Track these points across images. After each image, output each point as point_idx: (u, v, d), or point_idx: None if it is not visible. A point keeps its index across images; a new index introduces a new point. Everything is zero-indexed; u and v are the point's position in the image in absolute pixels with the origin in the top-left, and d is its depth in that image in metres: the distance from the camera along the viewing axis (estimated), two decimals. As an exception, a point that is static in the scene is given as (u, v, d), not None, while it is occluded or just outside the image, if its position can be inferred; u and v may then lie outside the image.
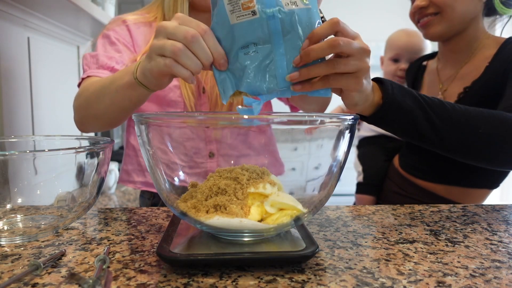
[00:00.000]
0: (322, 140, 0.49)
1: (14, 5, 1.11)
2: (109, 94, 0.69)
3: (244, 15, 0.48)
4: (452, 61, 0.98)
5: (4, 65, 1.08)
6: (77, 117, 0.80)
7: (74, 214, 0.57)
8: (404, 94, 0.63)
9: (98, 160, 0.57)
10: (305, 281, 0.42)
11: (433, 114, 0.64)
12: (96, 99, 0.73)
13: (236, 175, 0.48)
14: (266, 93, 0.51)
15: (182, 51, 0.50)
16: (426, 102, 0.64)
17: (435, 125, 0.64)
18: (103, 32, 0.90)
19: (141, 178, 0.94)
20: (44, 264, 0.44)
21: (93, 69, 0.83)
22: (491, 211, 0.71)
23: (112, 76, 0.71)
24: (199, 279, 0.42)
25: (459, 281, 0.42)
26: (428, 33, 0.94)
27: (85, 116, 0.78)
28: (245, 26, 0.49)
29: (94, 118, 0.76)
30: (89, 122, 0.79)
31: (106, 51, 0.86)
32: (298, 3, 0.48)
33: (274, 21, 0.48)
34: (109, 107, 0.71)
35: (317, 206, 0.50)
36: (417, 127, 0.64)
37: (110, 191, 1.69)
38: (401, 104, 0.62)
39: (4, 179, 0.53)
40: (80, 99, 0.78)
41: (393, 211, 0.70)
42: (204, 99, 0.89)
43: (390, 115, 0.62)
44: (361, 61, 0.53)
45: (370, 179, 1.20)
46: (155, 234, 0.56)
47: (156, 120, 0.48)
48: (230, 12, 0.49)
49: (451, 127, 0.64)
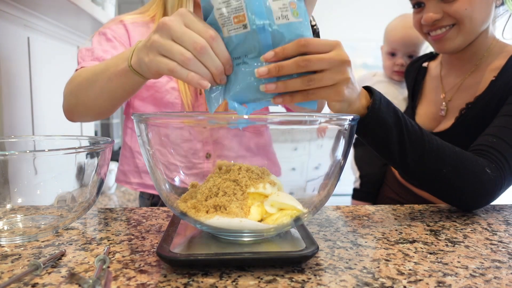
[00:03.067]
0: (322, 140, 0.49)
1: (14, 5, 1.11)
2: (101, 81, 0.67)
3: (235, 29, 0.49)
4: (457, 69, 0.92)
5: (4, 65, 1.08)
6: (65, 105, 0.78)
7: (74, 214, 0.57)
8: (389, 111, 0.63)
9: (98, 160, 0.57)
10: (305, 281, 0.42)
11: (408, 139, 0.64)
12: (87, 85, 0.70)
13: (236, 175, 0.48)
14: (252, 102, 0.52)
15: (191, 61, 0.49)
16: (406, 126, 0.64)
17: (405, 151, 0.64)
18: (99, 30, 0.88)
19: (137, 179, 0.94)
20: (44, 264, 0.44)
21: (87, 61, 0.81)
22: (491, 211, 0.71)
23: (105, 63, 0.68)
24: (199, 279, 0.42)
25: (459, 281, 0.42)
26: (443, 48, 0.86)
27: (74, 104, 0.75)
28: (236, 39, 0.49)
29: (83, 106, 0.74)
30: (78, 110, 0.76)
31: (101, 46, 0.84)
32: (289, 17, 0.49)
33: (264, 34, 0.49)
34: (100, 95, 0.69)
35: (317, 206, 0.50)
36: (389, 146, 0.64)
37: (110, 191, 1.69)
38: (383, 120, 0.62)
39: (4, 179, 0.53)
40: (70, 85, 0.75)
41: (393, 211, 0.70)
42: (201, 101, 0.89)
43: (370, 126, 0.62)
44: (338, 73, 0.52)
45: (367, 186, 1.20)
46: (155, 234, 0.56)
47: (156, 120, 0.48)
48: (222, 26, 0.49)
49: (419, 157, 0.65)
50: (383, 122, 0.62)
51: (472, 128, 0.84)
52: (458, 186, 0.66)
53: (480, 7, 0.81)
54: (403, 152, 0.64)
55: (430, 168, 0.65)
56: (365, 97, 0.62)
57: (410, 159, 0.65)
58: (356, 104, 0.60)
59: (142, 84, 0.65)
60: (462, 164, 0.66)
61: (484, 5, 0.81)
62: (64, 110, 0.79)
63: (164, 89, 0.86)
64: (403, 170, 0.67)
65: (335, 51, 0.51)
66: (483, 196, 0.68)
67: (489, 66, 0.86)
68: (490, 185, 0.67)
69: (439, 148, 0.66)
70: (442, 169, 0.65)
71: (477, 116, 0.84)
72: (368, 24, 3.28)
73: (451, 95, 0.92)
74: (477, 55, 0.88)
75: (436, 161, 0.65)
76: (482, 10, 0.81)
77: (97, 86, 0.68)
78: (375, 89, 0.64)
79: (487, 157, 0.69)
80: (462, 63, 0.91)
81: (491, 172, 0.67)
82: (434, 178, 0.66)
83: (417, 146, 0.64)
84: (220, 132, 0.58)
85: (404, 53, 1.27)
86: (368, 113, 0.61)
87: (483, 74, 0.86)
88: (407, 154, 0.64)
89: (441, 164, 0.65)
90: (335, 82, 0.52)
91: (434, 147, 0.65)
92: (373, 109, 0.61)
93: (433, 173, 0.66)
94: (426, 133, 0.66)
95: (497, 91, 0.81)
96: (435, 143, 0.66)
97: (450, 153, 0.66)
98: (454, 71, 0.93)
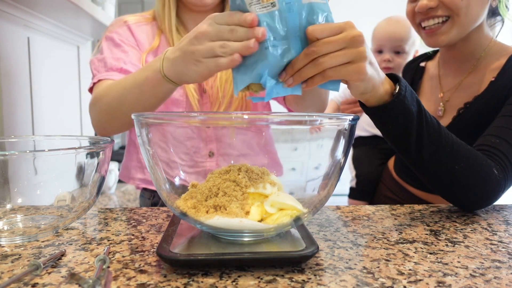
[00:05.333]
0: (322, 140, 0.49)
1: (14, 5, 1.11)
2: (133, 94, 0.70)
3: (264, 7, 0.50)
4: (454, 68, 0.92)
5: (4, 65, 1.08)
6: (97, 122, 0.80)
7: (74, 214, 0.57)
8: (413, 100, 0.63)
9: (98, 160, 0.57)
10: (305, 281, 0.42)
11: (426, 131, 0.64)
12: (118, 102, 0.73)
13: (235, 176, 0.48)
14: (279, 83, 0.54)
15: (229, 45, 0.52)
16: (426, 118, 0.64)
17: (422, 143, 0.64)
18: (106, 35, 0.90)
19: (140, 175, 0.95)
20: (44, 264, 0.44)
21: (102, 73, 0.84)
22: (491, 211, 0.71)
23: (132, 77, 0.71)
24: (199, 279, 0.42)
25: (459, 281, 0.42)
26: (436, 42, 0.85)
27: (107, 121, 0.78)
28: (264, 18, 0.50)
29: (118, 121, 0.77)
30: (112, 125, 0.79)
31: (112, 53, 0.87)
32: None
33: (292, 14, 0.49)
34: (135, 108, 0.71)
35: (317, 206, 0.50)
36: (408, 136, 0.63)
37: (110, 191, 1.69)
38: (408, 108, 0.62)
39: (4, 179, 0.53)
40: (100, 104, 0.78)
41: (393, 211, 0.70)
42: (206, 99, 0.90)
43: (393, 114, 0.62)
44: (352, 50, 0.52)
45: (363, 185, 1.20)
46: (155, 234, 0.56)
47: (156, 120, 0.48)
48: (249, 5, 0.50)
49: (434, 151, 0.64)
50: (407, 110, 0.61)
51: (469, 128, 0.84)
52: (468, 184, 0.66)
53: (476, 0, 0.80)
54: (420, 144, 0.64)
55: (443, 163, 0.65)
56: (388, 83, 0.62)
57: (425, 152, 0.64)
58: (380, 90, 0.60)
59: (174, 91, 0.68)
60: (474, 163, 0.66)
61: None
62: (96, 127, 0.82)
63: None
64: (416, 163, 0.67)
65: (345, 32, 0.52)
66: (488, 197, 0.68)
67: (488, 67, 0.86)
68: (496, 186, 0.67)
69: (454, 144, 0.66)
70: (455, 165, 0.65)
71: (475, 116, 0.84)
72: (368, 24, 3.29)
73: (449, 95, 0.92)
74: (474, 55, 0.88)
75: (450, 157, 0.65)
76: (478, 4, 0.81)
77: (130, 100, 0.71)
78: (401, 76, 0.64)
79: (491, 157, 0.69)
80: (460, 63, 0.91)
81: (498, 173, 0.67)
82: (446, 174, 0.66)
83: (434, 139, 0.64)
84: (223, 131, 0.58)
85: (390, 48, 1.29)
86: (394, 100, 0.60)
87: (482, 74, 0.86)
88: (424, 147, 0.64)
89: (455, 160, 0.65)
90: (351, 59, 0.52)
91: (450, 142, 0.65)
92: (399, 95, 0.60)
93: (446, 169, 0.65)
94: (443, 127, 0.66)
95: (496, 92, 0.81)
96: (450, 138, 0.66)
97: (464, 151, 0.66)
98: (452, 71, 0.93)
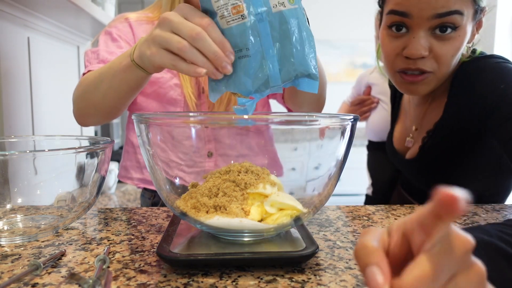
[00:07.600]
0: (322, 140, 0.49)
1: (14, 5, 1.11)
2: (106, 79, 0.69)
3: (234, 20, 0.49)
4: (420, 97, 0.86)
5: (4, 65, 1.08)
6: (76, 109, 0.79)
7: (74, 214, 0.57)
8: None
9: (98, 160, 0.57)
10: (305, 281, 0.42)
11: None
12: (94, 86, 0.72)
13: (235, 176, 0.48)
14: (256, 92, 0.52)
15: (188, 49, 0.50)
16: None
17: None
18: (105, 29, 0.90)
19: (138, 175, 0.95)
20: (44, 264, 0.44)
21: (94, 64, 0.83)
22: (491, 211, 0.71)
23: (110, 62, 0.70)
24: (199, 279, 0.42)
25: (459, 281, 0.42)
26: (416, 91, 0.76)
27: (84, 107, 0.77)
28: (235, 30, 0.49)
29: (93, 107, 0.75)
30: (88, 112, 0.77)
31: (107, 47, 0.86)
32: (286, 4, 0.49)
33: (263, 23, 0.49)
34: (107, 94, 0.70)
35: (317, 206, 0.50)
36: None
37: (110, 191, 1.69)
38: None
39: (4, 179, 0.53)
40: (78, 89, 0.77)
41: (393, 211, 0.70)
42: (204, 99, 0.90)
43: None
44: None
45: (378, 194, 1.21)
46: (155, 234, 0.56)
47: (156, 120, 0.48)
48: (221, 18, 0.50)
49: None
50: None
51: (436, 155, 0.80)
52: None
53: (458, 55, 0.74)
54: None
55: None
56: None
57: None
58: None
59: (146, 80, 0.66)
60: None
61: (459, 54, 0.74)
62: (75, 115, 0.80)
63: (167, 85, 0.87)
64: None
65: None
66: None
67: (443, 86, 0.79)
68: None
69: None
70: None
71: (443, 141, 0.78)
72: (368, 24, 3.29)
73: (417, 124, 0.87)
74: None
75: None
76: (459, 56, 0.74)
77: (103, 85, 0.70)
78: None
79: None
80: None
81: None
82: None
83: None
84: (222, 131, 0.58)
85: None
86: None
87: (439, 97, 0.81)
88: None
89: None
90: None
91: None
92: None
93: None
94: None
95: (454, 113, 0.75)
96: None
97: None
98: (418, 99, 0.88)
